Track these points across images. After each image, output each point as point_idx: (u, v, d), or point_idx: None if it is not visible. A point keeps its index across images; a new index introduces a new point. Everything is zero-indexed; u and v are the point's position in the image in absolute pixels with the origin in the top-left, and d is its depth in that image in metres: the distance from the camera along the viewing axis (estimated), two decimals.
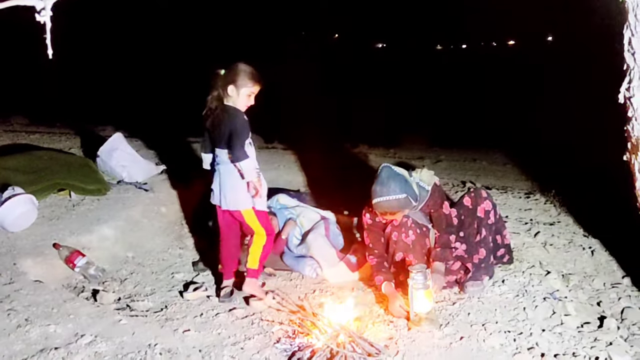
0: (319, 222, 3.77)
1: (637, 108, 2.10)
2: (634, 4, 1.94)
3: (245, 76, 2.94)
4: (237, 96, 2.94)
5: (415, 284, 2.70)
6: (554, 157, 6.16)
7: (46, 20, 0.94)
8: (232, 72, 2.94)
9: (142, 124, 7.61)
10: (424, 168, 3.19)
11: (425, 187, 3.06)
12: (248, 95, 2.96)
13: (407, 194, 2.88)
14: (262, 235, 3.09)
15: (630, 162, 2.31)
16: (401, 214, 2.96)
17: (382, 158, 6.22)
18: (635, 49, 2.03)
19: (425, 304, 2.72)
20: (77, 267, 3.32)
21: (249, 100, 2.99)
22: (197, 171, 4.83)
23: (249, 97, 2.97)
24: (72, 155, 4.74)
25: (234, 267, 3.26)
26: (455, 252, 3.08)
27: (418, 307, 2.72)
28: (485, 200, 3.16)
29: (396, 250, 3.04)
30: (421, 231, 3.03)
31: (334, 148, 6.78)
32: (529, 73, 13.51)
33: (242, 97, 2.95)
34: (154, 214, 4.23)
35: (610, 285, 3.28)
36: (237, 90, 2.93)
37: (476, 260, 3.05)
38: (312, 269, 3.46)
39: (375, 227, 3.12)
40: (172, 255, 3.83)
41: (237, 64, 2.97)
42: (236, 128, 2.91)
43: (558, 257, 3.53)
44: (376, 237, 3.12)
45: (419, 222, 3.05)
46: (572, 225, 4.16)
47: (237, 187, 3.00)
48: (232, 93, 2.94)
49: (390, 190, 2.87)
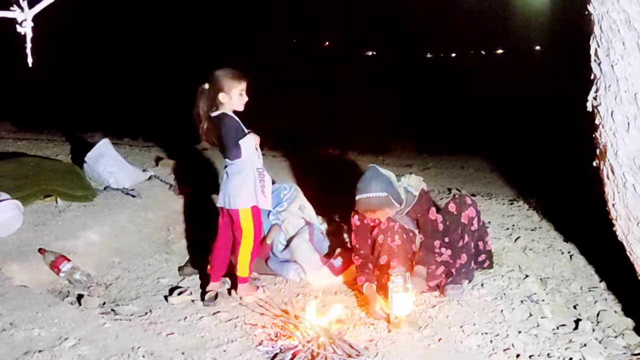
0: (303, 228, 3.82)
1: (604, 116, 2.19)
2: (599, 17, 2.03)
3: (228, 78, 2.99)
4: (230, 100, 3.00)
5: (394, 287, 2.76)
6: (539, 163, 6.27)
7: (27, 32, 0.99)
8: (214, 81, 2.99)
9: (132, 130, 7.66)
10: (412, 174, 3.26)
11: (412, 192, 3.12)
12: (239, 94, 3.01)
13: (387, 194, 2.95)
14: (250, 239, 3.13)
15: (599, 167, 2.39)
16: (382, 213, 3.02)
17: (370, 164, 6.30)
18: (601, 59, 2.11)
19: (404, 307, 2.78)
20: (62, 272, 3.35)
21: (243, 98, 3.04)
22: (185, 177, 4.96)
23: (241, 95, 3.02)
24: (58, 162, 4.76)
25: (222, 271, 3.30)
26: (441, 257, 3.14)
27: (398, 309, 2.77)
28: (469, 207, 3.22)
29: (381, 253, 3.10)
30: (407, 236, 3.09)
31: (322, 154, 6.86)
32: (517, 81, 13.68)
33: (235, 99, 3.00)
34: (141, 220, 4.26)
35: (587, 288, 3.36)
36: (229, 95, 2.99)
37: (458, 265, 3.12)
38: (295, 273, 3.51)
39: (362, 229, 3.18)
40: (158, 261, 3.86)
41: (214, 72, 3.01)
42: (225, 131, 2.98)
43: (537, 262, 3.61)
44: (363, 239, 3.18)
45: (405, 227, 3.11)
46: (552, 230, 4.25)
47: (240, 186, 3.06)
48: (225, 99, 3.00)
49: (371, 189, 2.95)
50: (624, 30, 1.97)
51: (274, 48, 18.81)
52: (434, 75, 20.39)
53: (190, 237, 4.21)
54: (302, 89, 12.49)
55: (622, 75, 2.05)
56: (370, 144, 7.92)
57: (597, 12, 2.03)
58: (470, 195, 5.12)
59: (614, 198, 2.33)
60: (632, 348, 2.76)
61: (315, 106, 11.02)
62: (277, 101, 9.90)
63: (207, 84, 3.01)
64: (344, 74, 17.32)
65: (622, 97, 2.08)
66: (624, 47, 2.00)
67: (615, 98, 2.11)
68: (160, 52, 15.52)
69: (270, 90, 9.26)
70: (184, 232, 4.31)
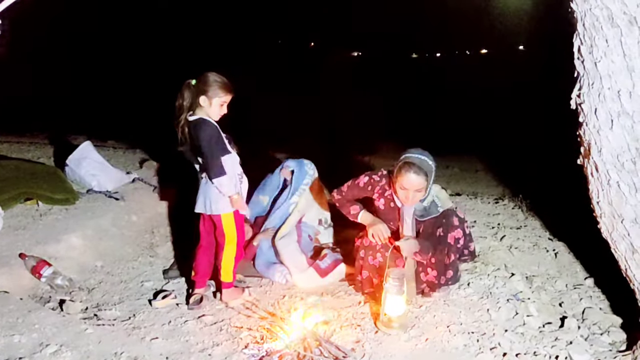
0: (292, 229, 3.78)
1: (588, 113, 2.19)
2: (582, 14, 2.03)
3: (217, 86, 2.92)
4: (209, 106, 2.92)
5: (390, 289, 2.72)
6: (523, 162, 6.30)
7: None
8: (203, 82, 2.92)
9: (116, 131, 7.56)
10: (444, 189, 3.23)
11: (437, 204, 3.09)
12: (220, 105, 2.94)
13: (433, 173, 2.96)
14: (233, 244, 3.09)
15: (584, 165, 2.39)
16: (421, 182, 2.92)
17: (357, 165, 6.29)
18: (584, 56, 2.11)
19: (397, 309, 2.75)
20: (44, 277, 3.28)
21: (222, 110, 2.97)
22: (168, 179, 4.91)
23: (222, 106, 2.95)
24: (40, 165, 4.68)
25: (207, 277, 3.26)
26: (426, 277, 3.09)
27: (390, 309, 2.75)
28: (456, 229, 3.05)
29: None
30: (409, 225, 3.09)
31: (309, 153, 6.81)
32: (501, 80, 13.77)
33: (214, 107, 2.93)
34: (124, 223, 4.20)
35: (572, 286, 3.37)
36: (210, 101, 2.91)
37: (443, 282, 3.07)
38: (281, 275, 3.48)
39: (359, 191, 3.23)
40: (142, 264, 3.81)
41: (208, 74, 2.93)
42: (208, 144, 2.90)
43: (523, 260, 3.62)
44: (356, 194, 3.23)
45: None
46: (538, 229, 4.27)
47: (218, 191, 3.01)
48: (204, 103, 2.92)
49: (428, 157, 2.96)
50: (606, 27, 1.97)
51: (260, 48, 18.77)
52: (418, 75, 20.47)
53: (174, 239, 4.17)
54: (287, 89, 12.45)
55: (605, 73, 2.05)
56: (356, 144, 7.91)
57: (580, 10, 2.03)
58: (456, 195, 5.16)
59: (598, 195, 2.34)
60: (618, 345, 2.77)
61: (299, 107, 10.98)
62: (264, 101, 9.84)
63: (194, 80, 2.96)
64: (327, 74, 17.31)
65: (605, 95, 2.08)
66: (607, 44, 2.00)
67: (598, 95, 2.11)
68: (145, 52, 15.39)
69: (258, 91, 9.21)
70: (168, 235, 4.27)
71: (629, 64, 1.99)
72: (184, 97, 2.95)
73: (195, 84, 2.94)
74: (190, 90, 2.95)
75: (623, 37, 1.97)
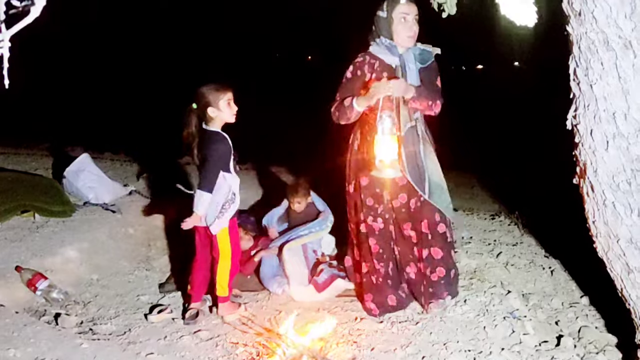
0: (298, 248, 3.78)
1: (583, 134, 2.22)
2: (577, 37, 2.07)
3: (212, 92, 2.94)
4: (219, 111, 2.94)
5: (383, 129, 2.66)
6: (520, 178, 6.33)
7: (4, 52, 0.97)
8: (200, 97, 2.95)
9: (114, 143, 7.56)
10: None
11: (427, 50, 3.03)
12: (227, 104, 2.96)
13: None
14: (228, 259, 3.09)
15: (580, 185, 2.41)
16: (416, 10, 2.86)
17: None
18: (580, 78, 2.15)
19: (390, 151, 2.68)
20: (39, 290, 3.27)
21: (232, 108, 2.98)
22: (166, 191, 4.90)
23: (229, 105, 2.97)
24: (37, 176, 4.68)
25: (203, 291, 3.26)
26: (420, 271, 3.16)
27: (383, 153, 2.67)
28: (439, 224, 3.10)
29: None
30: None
31: (307, 168, 6.82)
32: (497, 96, 13.83)
33: (224, 110, 2.95)
34: (120, 236, 4.20)
35: (568, 304, 3.37)
36: (217, 107, 2.94)
37: (435, 279, 3.11)
38: (279, 285, 3.48)
39: (351, 84, 3.04)
40: (138, 277, 3.80)
41: (198, 89, 2.97)
42: (213, 157, 2.93)
43: (519, 277, 3.63)
44: (350, 88, 3.02)
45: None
46: (534, 245, 4.28)
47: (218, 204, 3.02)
48: (214, 113, 2.95)
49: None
50: (602, 50, 2.01)
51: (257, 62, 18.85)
52: None
53: (171, 253, 4.16)
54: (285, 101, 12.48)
55: (600, 95, 2.08)
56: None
57: (576, 33, 2.07)
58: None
59: (594, 215, 2.36)
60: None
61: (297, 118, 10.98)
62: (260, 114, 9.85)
63: (194, 103, 2.98)
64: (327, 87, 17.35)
65: (600, 116, 2.11)
66: (602, 67, 2.04)
67: (594, 117, 2.14)
68: (144, 62, 15.44)
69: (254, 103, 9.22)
70: (165, 248, 4.26)
71: (624, 86, 2.03)
72: (190, 124, 2.98)
73: (196, 105, 2.97)
74: (194, 113, 2.98)
75: (618, 60, 2.00)
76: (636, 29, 1.95)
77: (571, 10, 2.03)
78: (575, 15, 2.02)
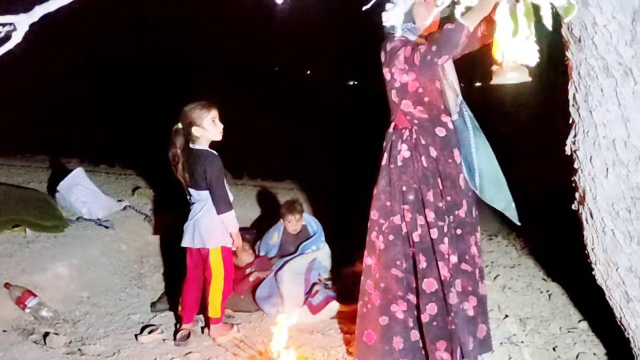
0: None
1: (583, 161, 2.19)
2: (577, 63, 2.05)
3: (197, 110, 2.92)
4: (205, 131, 2.92)
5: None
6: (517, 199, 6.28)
7: (18, 36, 0.92)
8: (184, 117, 2.93)
9: (109, 156, 7.51)
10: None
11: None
12: (212, 122, 2.93)
13: None
14: (220, 279, 3.05)
15: (579, 211, 2.38)
16: None
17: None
18: (579, 104, 2.12)
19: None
20: (28, 307, 3.21)
21: (217, 126, 2.95)
22: (161, 207, 4.86)
23: (214, 122, 2.94)
24: (29, 190, 4.62)
25: (195, 311, 3.20)
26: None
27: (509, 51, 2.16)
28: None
29: None
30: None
31: (305, 184, 6.78)
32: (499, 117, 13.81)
33: (209, 128, 2.92)
34: (113, 252, 4.14)
35: (566, 329, 3.32)
36: (202, 126, 2.91)
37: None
38: (273, 306, 3.43)
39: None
40: (129, 295, 3.74)
41: (183, 109, 2.95)
42: (217, 178, 2.92)
43: (516, 301, 3.58)
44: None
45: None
46: (531, 268, 4.23)
47: (211, 224, 2.99)
48: (199, 132, 2.92)
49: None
50: (602, 77, 1.98)
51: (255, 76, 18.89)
52: None
53: (164, 270, 4.11)
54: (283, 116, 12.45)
55: (600, 122, 2.06)
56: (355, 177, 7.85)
57: (576, 59, 2.05)
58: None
59: (593, 242, 2.32)
60: None
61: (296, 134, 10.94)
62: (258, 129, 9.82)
63: (179, 123, 2.96)
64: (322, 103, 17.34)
65: (600, 143, 2.09)
66: (602, 93, 2.01)
67: (593, 143, 2.11)
68: (140, 76, 15.43)
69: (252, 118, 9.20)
70: (157, 265, 4.21)
71: (624, 113, 2.00)
72: (176, 144, 2.97)
73: (181, 125, 2.94)
74: (179, 133, 2.96)
75: (618, 87, 1.98)
76: (636, 56, 1.93)
77: (571, 36, 2.01)
78: (575, 41, 2.00)
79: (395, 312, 2.54)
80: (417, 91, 2.42)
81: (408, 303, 2.54)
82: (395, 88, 2.45)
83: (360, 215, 4.70)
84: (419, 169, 2.42)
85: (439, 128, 2.44)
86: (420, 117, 2.43)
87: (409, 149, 2.44)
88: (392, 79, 2.44)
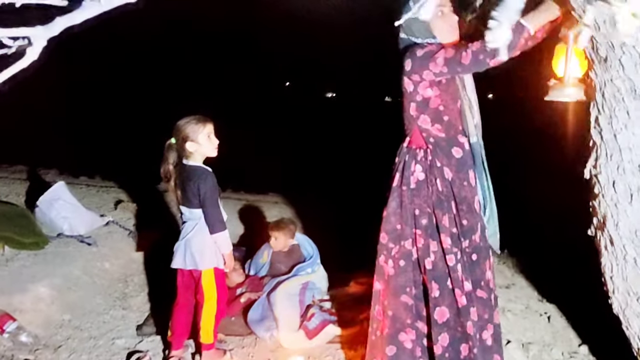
0: None
1: (604, 185, 2.11)
2: (601, 84, 1.97)
3: (192, 125, 2.78)
4: (199, 146, 2.78)
5: (580, 40, 1.92)
6: (508, 216, 6.24)
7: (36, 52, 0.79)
8: (178, 132, 2.79)
9: (90, 167, 7.27)
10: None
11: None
12: (207, 137, 2.80)
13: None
14: (213, 302, 2.89)
15: (596, 237, 2.30)
16: None
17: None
18: (602, 127, 2.04)
19: (577, 67, 2.07)
20: (6, 332, 3.01)
21: (212, 141, 2.82)
22: (145, 222, 4.67)
23: (209, 138, 2.81)
24: (7, 205, 4.39)
25: (185, 337, 3.03)
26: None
27: (571, 68, 2.04)
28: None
29: None
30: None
31: (292, 197, 6.65)
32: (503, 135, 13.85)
33: (204, 143, 2.79)
34: (96, 271, 3.94)
35: (568, 354, 3.25)
36: (196, 141, 2.78)
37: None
38: (267, 329, 3.28)
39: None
40: (113, 318, 3.54)
41: (176, 123, 2.82)
42: (207, 193, 2.77)
43: (517, 325, 3.49)
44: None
45: None
46: (526, 288, 4.15)
47: (204, 245, 2.84)
48: (193, 147, 2.78)
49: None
50: (628, 99, 1.90)
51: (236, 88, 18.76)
52: (395, 120, 20.53)
53: (149, 290, 3.92)
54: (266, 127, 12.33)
55: (625, 145, 1.98)
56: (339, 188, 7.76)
57: (600, 79, 1.97)
58: None
59: (611, 270, 2.24)
60: None
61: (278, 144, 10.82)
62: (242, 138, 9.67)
63: (172, 138, 2.82)
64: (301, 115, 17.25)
65: (625, 168, 2.00)
66: (628, 116, 1.93)
67: (617, 168, 2.03)
68: (126, 85, 15.20)
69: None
70: (143, 284, 4.02)
71: None
72: (168, 160, 2.84)
73: (174, 140, 2.81)
74: (173, 148, 2.83)
75: None
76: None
77: (596, 56, 1.93)
78: (600, 61, 1.92)
79: (403, 341, 2.41)
80: (437, 108, 2.31)
81: (417, 331, 2.42)
82: (415, 101, 2.31)
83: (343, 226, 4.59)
84: (434, 193, 2.31)
85: (455, 148, 2.34)
86: (437, 135, 2.33)
87: (424, 171, 2.33)
88: (414, 92, 2.29)
